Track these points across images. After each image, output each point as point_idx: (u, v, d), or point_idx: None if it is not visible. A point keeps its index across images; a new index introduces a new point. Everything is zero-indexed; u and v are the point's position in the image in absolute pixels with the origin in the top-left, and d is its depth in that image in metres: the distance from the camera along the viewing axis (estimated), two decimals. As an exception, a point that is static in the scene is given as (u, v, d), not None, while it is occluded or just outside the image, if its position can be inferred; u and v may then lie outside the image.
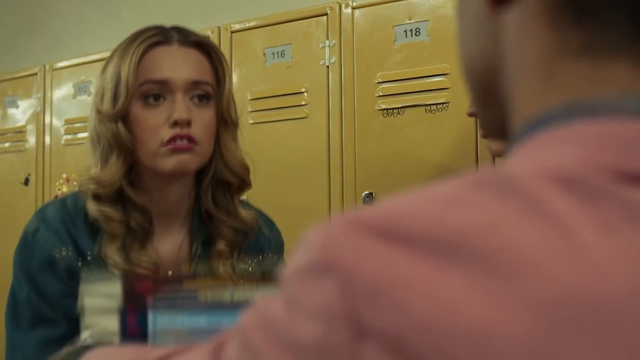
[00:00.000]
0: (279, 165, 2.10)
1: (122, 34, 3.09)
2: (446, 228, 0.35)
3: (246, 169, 1.38)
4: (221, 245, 1.35)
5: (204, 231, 1.37)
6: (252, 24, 2.21)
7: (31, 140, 2.82)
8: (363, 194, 1.93)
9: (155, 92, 1.26)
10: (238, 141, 1.38)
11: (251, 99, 2.17)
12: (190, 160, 1.27)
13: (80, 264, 1.26)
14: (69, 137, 2.70)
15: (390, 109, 1.90)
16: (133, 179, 1.29)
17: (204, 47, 1.32)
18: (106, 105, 1.26)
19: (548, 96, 0.40)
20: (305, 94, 2.07)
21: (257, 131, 2.16)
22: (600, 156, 0.36)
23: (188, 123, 1.25)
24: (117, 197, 1.28)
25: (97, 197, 1.27)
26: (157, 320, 0.93)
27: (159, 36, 1.29)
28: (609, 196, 0.35)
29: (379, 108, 1.93)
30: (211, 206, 1.36)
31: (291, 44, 2.11)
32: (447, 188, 0.38)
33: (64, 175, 2.68)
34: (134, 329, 0.97)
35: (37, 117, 2.81)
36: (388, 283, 0.34)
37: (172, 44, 1.30)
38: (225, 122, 1.33)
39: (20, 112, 2.89)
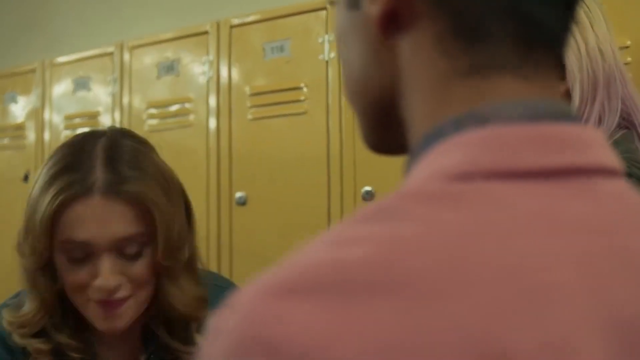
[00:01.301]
0: (277, 161, 2.08)
1: (122, 30, 3.07)
2: (345, 269, 0.35)
3: (200, 301, 1.20)
4: None
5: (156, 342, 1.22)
6: (251, 18, 2.19)
7: (30, 136, 2.81)
8: (362, 190, 1.91)
9: (78, 254, 1.09)
10: (190, 275, 1.20)
11: (250, 95, 2.15)
12: (124, 320, 1.12)
13: None
14: (68, 132, 2.69)
15: (390, 104, 1.88)
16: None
17: (134, 196, 1.10)
18: (26, 250, 1.10)
19: (441, 113, 0.43)
20: (304, 89, 2.05)
21: (256, 127, 2.14)
22: (481, 157, 0.40)
23: (116, 288, 1.10)
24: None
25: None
26: None
27: (77, 186, 1.07)
28: (487, 194, 0.39)
29: (378, 103, 1.91)
30: (168, 339, 1.20)
31: (290, 38, 2.09)
32: (338, 229, 0.39)
33: (64, 172, 2.67)
34: None
35: (37, 113, 2.79)
36: (314, 342, 0.34)
37: (93, 195, 1.07)
38: (166, 267, 1.15)
39: (20, 108, 2.87)
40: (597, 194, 0.41)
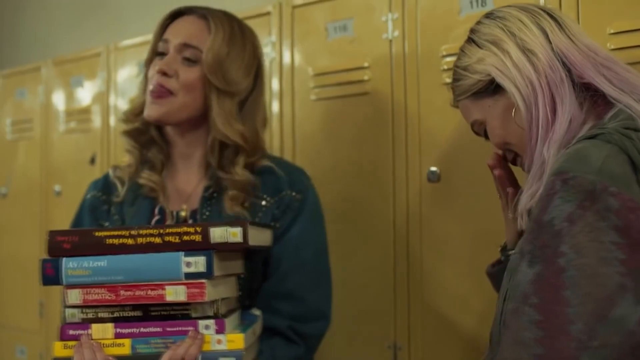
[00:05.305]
0: (341, 141, 2.07)
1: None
2: None
3: (245, 137, 1.57)
4: (233, 191, 1.55)
5: (217, 177, 1.58)
6: (313, -2, 2.18)
7: (96, 120, 2.86)
8: (428, 170, 1.89)
9: (161, 50, 1.59)
10: (247, 112, 1.61)
11: (314, 75, 2.14)
12: (161, 110, 1.54)
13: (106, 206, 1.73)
14: (133, 116, 2.72)
15: (455, 82, 1.84)
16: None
17: (209, 17, 1.58)
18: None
19: None
20: (368, 69, 2.03)
21: (320, 107, 2.13)
22: None
23: (164, 73, 1.53)
24: (146, 138, 1.67)
25: (128, 134, 1.68)
26: (68, 264, 1.32)
27: (180, 10, 1.63)
28: None
29: (443, 82, 1.87)
30: (214, 162, 1.59)
31: (353, 18, 2.07)
32: None
33: (129, 154, 2.70)
34: (50, 271, 1.32)
35: (102, 97, 2.84)
36: None
37: (190, 14, 1.60)
38: (213, 85, 1.54)
39: (86, 92, 2.92)
40: None
